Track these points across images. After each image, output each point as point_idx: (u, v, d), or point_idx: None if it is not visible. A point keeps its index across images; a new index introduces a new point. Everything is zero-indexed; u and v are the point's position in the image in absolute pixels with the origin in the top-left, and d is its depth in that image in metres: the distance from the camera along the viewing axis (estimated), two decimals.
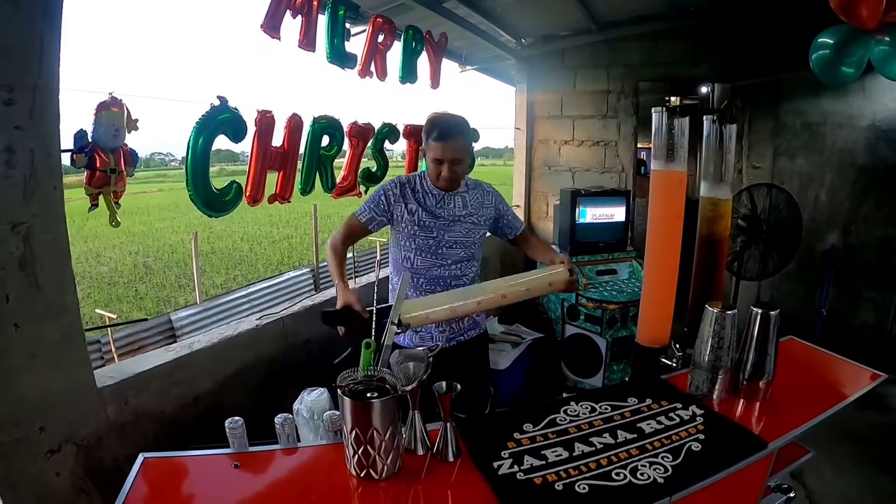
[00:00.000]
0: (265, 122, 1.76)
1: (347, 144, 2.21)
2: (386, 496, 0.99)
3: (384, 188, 1.61)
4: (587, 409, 1.26)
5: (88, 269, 11.03)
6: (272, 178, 1.88)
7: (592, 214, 3.16)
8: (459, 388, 1.07)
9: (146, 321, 5.17)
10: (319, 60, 1.98)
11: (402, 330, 1.26)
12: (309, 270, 7.30)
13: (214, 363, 1.66)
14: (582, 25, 3.39)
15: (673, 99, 4.21)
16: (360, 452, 0.99)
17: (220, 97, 1.57)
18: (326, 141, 2.07)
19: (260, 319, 1.89)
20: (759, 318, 1.28)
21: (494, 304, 1.44)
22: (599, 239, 3.17)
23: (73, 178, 1.46)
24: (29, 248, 1.11)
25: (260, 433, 1.14)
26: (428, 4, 2.46)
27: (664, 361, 1.53)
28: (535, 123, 4.00)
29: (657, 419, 1.21)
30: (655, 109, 1.53)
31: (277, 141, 1.85)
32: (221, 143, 1.60)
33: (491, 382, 1.84)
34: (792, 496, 1.36)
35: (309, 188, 2.03)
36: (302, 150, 1.96)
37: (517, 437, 1.15)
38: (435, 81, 2.72)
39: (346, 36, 2.02)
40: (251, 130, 1.71)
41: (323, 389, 1.32)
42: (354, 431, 0.98)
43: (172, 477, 1.05)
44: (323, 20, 1.92)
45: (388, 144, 2.47)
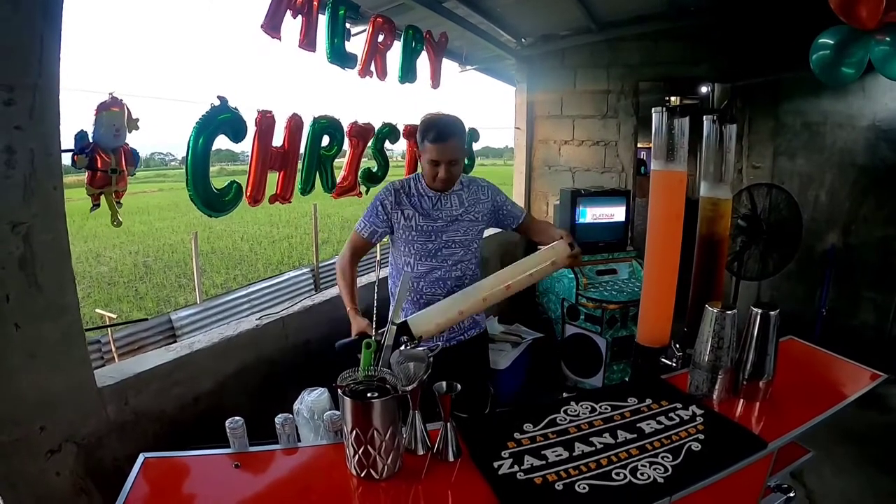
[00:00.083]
0: (265, 122, 1.76)
1: (347, 144, 2.21)
2: (386, 496, 0.99)
3: (379, 198, 1.60)
4: (587, 409, 1.26)
5: (88, 268, 11.01)
6: (272, 178, 1.87)
7: (592, 214, 3.16)
8: (459, 388, 1.07)
9: (146, 321, 5.18)
10: (319, 60, 1.98)
11: (414, 344, 1.23)
12: (309, 270, 7.31)
13: (215, 363, 1.65)
14: (582, 25, 3.39)
15: (673, 99, 4.20)
16: (360, 452, 0.99)
17: (220, 97, 1.57)
18: (327, 141, 2.07)
19: (260, 319, 1.89)
20: (758, 318, 1.28)
21: (500, 296, 1.43)
22: (599, 239, 3.17)
23: (73, 178, 1.46)
24: (29, 247, 1.11)
25: (260, 433, 1.15)
26: (428, 4, 2.46)
27: (664, 361, 1.53)
28: (535, 123, 4.00)
29: (657, 419, 1.22)
30: (655, 109, 1.53)
31: (278, 141, 1.85)
32: (222, 143, 1.60)
33: (491, 382, 1.84)
34: (792, 496, 1.37)
35: (309, 188, 2.03)
36: (302, 150, 1.96)
37: (517, 436, 1.15)
38: (435, 81, 2.72)
39: (346, 36, 2.02)
40: (251, 130, 1.70)
41: (323, 389, 1.32)
42: (355, 431, 0.98)
43: (173, 477, 1.05)
44: (323, 20, 1.92)
45: (388, 144, 2.46)
